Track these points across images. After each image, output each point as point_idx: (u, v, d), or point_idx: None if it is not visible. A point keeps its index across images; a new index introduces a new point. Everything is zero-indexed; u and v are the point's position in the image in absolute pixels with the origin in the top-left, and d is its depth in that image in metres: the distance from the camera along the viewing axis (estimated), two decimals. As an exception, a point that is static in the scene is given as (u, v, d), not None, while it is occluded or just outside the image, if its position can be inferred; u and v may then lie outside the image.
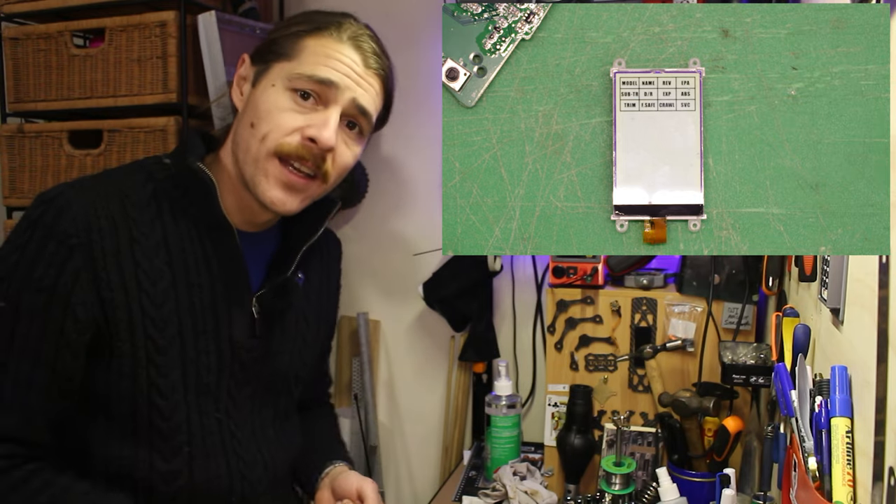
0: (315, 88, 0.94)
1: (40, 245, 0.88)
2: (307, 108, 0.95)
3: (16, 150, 1.67)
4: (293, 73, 0.94)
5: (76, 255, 0.88)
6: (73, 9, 1.61)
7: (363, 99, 0.97)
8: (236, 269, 1.00)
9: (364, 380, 1.91)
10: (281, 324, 1.06)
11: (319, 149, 0.94)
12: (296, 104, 0.94)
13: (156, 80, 1.54)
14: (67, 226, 0.88)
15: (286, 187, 0.95)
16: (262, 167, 0.94)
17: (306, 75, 0.94)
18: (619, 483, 1.30)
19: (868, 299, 0.69)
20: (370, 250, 1.95)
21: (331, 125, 0.94)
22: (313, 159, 0.95)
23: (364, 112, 0.98)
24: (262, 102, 0.95)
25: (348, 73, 0.96)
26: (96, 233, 0.89)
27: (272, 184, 0.95)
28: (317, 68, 0.94)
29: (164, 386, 0.93)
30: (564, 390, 1.50)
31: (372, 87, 0.99)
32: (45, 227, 0.88)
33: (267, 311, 1.03)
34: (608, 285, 1.54)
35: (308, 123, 0.94)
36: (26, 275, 0.87)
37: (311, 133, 0.93)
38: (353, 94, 0.96)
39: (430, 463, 1.96)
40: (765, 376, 1.15)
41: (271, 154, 0.94)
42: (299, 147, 0.94)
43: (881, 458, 0.62)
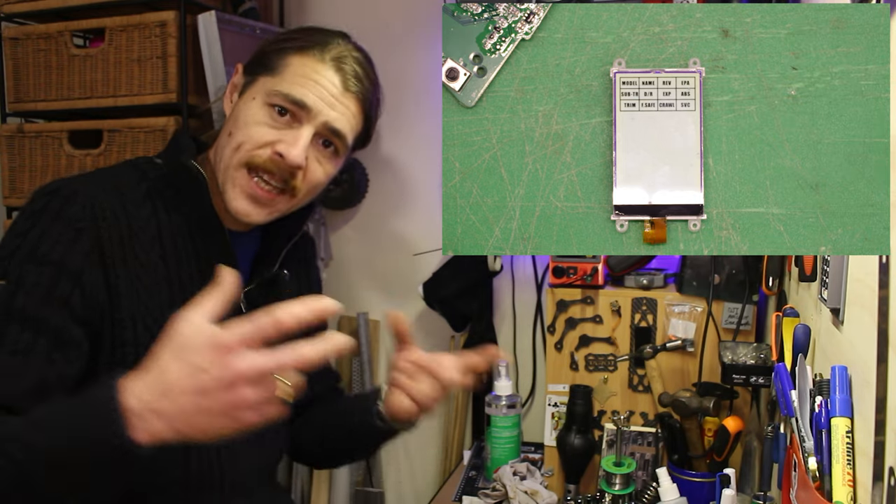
0: (290, 107, 0.96)
1: (46, 228, 0.88)
2: (281, 125, 0.96)
3: (16, 150, 1.67)
4: (272, 89, 0.96)
5: (84, 238, 0.88)
6: (73, 9, 1.61)
7: (337, 122, 0.98)
8: (228, 265, 1.00)
9: (364, 380, 1.91)
10: None
11: (287, 165, 0.96)
12: (271, 119, 0.96)
13: (156, 80, 1.54)
14: (76, 211, 0.89)
15: (252, 199, 0.97)
16: (231, 176, 0.97)
17: (283, 93, 0.96)
18: (619, 483, 1.30)
19: (868, 299, 0.69)
20: (370, 250, 1.95)
21: (300, 144, 0.96)
22: (280, 174, 0.97)
23: (337, 134, 0.99)
24: (242, 114, 0.98)
25: (323, 96, 0.97)
26: (102, 221, 0.90)
27: (238, 193, 0.97)
28: (293, 88, 0.96)
29: None
30: (564, 390, 1.50)
31: (348, 110, 1.00)
32: (51, 213, 0.88)
33: (255, 307, 1.04)
34: (608, 285, 1.54)
35: (279, 139, 0.96)
36: (30, 251, 0.87)
37: (281, 149, 0.95)
38: (325, 118, 0.97)
39: (430, 463, 1.96)
40: (765, 376, 1.15)
41: (241, 164, 0.96)
42: (268, 161, 0.96)
43: (881, 458, 0.62)
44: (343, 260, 2.00)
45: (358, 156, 1.88)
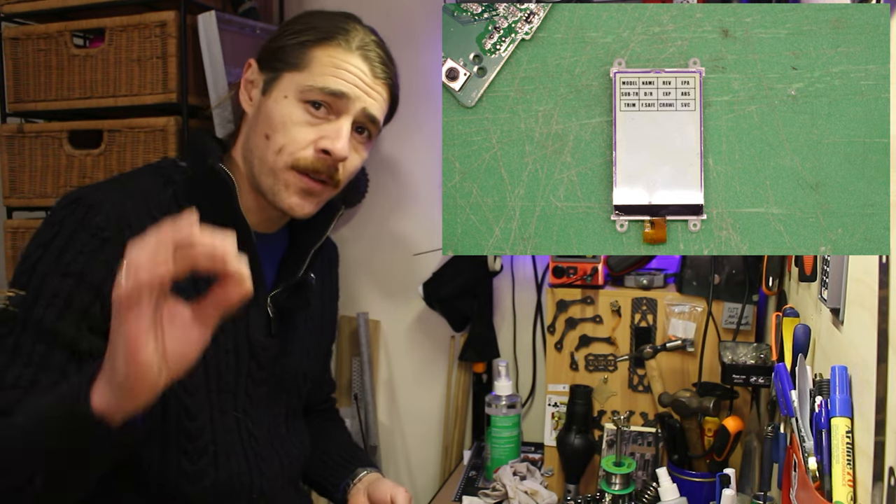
0: (327, 100, 0.97)
1: (69, 237, 0.87)
2: (320, 119, 0.97)
3: (16, 150, 1.67)
4: (304, 84, 0.96)
5: (108, 247, 0.88)
6: (73, 9, 1.61)
7: (373, 108, 1.00)
8: (253, 269, 1.00)
9: (364, 380, 1.91)
10: (292, 324, 1.08)
11: (333, 160, 0.97)
12: (309, 115, 0.97)
13: (156, 80, 1.54)
14: (100, 220, 0.88)
15: (304, 193, 0.99)
16: (282, 179, 0.97)
17: (318, 87, 0.96)
18: (619, 483, 1.29)
19: (868, 299, 0.69)
20: (370, 250, 1.95)
21: (343, 136, 0.97)
22: (327, 170, 0.98)
23: (373, 120, 1.01)
24: (276, 114, 0.97)
25: (358, 84, 0.98)
26: (127, 229, 0.90)
27: (291, 192, 0.98)
28: (327, 80, 0.96)
29: (190, 385, 0.94)
30: (564, 390, 1.50)
31: (380, 96, 1.02)
32: (75, 222, 0.88)
33: (281, 311, 1.04)
34: (608, 285, 1.54)
35: (321, 135, 0.97)
36: (53, 262, 0.87)
37: (325, 145, 0.96)
38: (363, 104, 0.98)
39: (430, 463, 1.96)
40: (765, 376, 1.15)
41: (288, 167, 0.97)
42: (315, 160, 0.97)
43: (881, 458, 0.62)
44: (343, 260, 1.98)
45: (358, 156, 1.88)
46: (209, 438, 0.96)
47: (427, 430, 1.95)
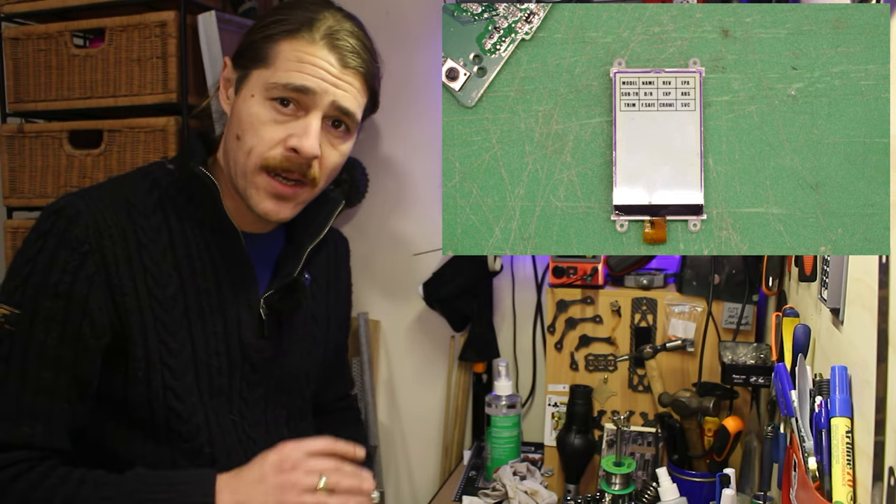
0: (292, 96, 0.92)
1: (53, 253, 0.88)
2: (288, 116, 0.93)
3: (16, 150, 1.67)
4: (269, 81, 0.92)
5: (89, 262, 0.88)
6: (73, 9, 1.61)
7: (344, 100, 0.94)
8: (242, 272, 1.00)
9: (364, 380, 1.91)
10: (289, 324, 1.07)
11: (303, 158, 0.93)
12: (276, 113, 0.93)
13: (156, 80, 1.54)
14: (79, 233, 0.88)
15: (276, 197, 0.95)
16: (252, 181, 0.94)
17: (282, 84, 0.91)
18: (619, 483, 1.29)
19: (868, 299, 0.69)
20: (370, 250, 1.95)
21: (311, 133, 0.92)
22: (298, 169, 0.94)
23: (347, 112, 0.96)
24: (244, 114, 0.94)
25: (324, 77, 0.92)
26: (107, 239, 0.90)
27: (263, 196, 0.95)
28: (291, 75, 0.91)
29: (180, 389, 0.93)
30: (564, 390, 1.50)
31: (352, 86, 0.95)
32: (55, 237, 0.88)
33: (275, 312, 1.03)
34: (608, 285, 1.54)
35: (289, 133, 0.92)
36: (41, 282, 0.87)
37: (293, 143, 0.92)
38: (332, 98, 0.93)
39: (430, 463, 1.96)
40: (765, 376, 1.15)
41: (257, 168, 0.93)
42: (283, 160, 0.93)
43: (881, 458, 0.62)
44: (343, 260, 2.00)
45: (358, 156, 1.88)
46: (205, 440, 0.95)
47: (427, 430, 1.95)
